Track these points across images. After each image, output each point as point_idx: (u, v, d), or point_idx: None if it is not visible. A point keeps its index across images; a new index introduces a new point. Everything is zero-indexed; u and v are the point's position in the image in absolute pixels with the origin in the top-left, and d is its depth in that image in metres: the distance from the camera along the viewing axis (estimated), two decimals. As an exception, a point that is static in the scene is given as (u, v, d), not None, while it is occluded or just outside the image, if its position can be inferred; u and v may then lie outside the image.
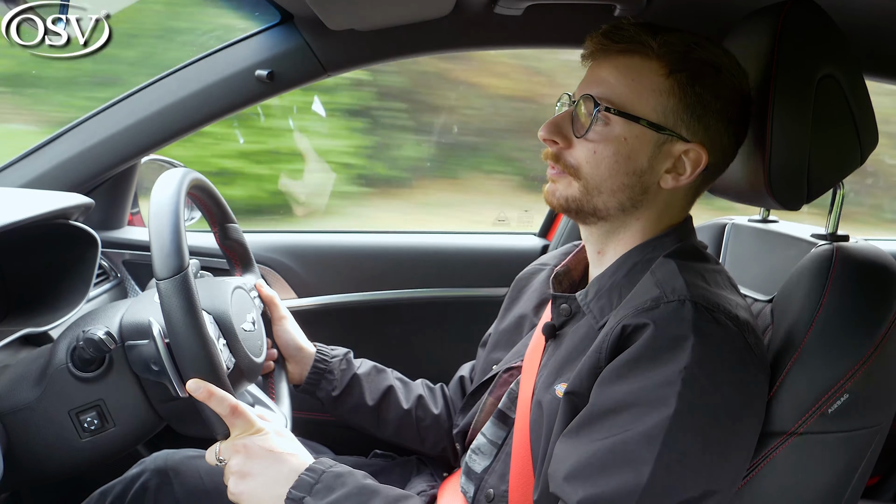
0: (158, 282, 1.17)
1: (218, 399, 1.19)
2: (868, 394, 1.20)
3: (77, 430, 1.29)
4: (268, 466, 1.21)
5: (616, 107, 1.22)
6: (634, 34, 1.22)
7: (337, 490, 1.19)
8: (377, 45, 1.84)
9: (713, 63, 1.23)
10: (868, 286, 1.25)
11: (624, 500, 1.06)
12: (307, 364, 1.65)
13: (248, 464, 1.21)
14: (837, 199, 1.41)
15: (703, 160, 1.24)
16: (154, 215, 1.21)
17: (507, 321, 1.62)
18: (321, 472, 1.22)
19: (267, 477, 1.21)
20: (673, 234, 1.30)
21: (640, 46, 1.22)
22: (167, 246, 1.18)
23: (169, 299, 1.17)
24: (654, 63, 1.22)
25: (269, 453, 1.22)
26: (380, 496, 1.21)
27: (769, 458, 1.18)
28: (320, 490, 1.19)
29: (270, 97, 1.86)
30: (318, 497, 1.18)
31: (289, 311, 1.70)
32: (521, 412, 1.34)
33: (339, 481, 1.21)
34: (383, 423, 1.69)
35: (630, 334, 1.15)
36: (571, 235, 2.41)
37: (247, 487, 1.21)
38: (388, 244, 2.44)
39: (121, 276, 2.09)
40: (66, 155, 1.82)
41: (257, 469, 1.21)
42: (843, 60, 1.31)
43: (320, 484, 1.20)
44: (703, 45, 1.23)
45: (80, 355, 1.27)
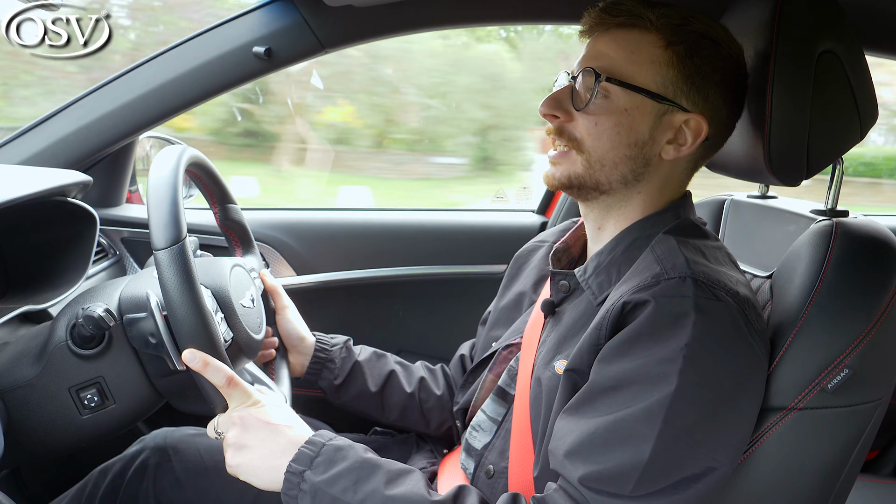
0: (156, 252, 1.17)
1: (214, 369, 1.19)
2: (867, 369, 1.20)
3: (77, 407, 1.29)
4: (265, 438, 1.21)
5: (616, 77, 1.22)
6: (632, 8, 1.22)
7: (338, 464, 1.19)
8: (375, 21, 1.83)
9: (710, 36, 1.23)
10: (867, 261, 1.25)
11: (625, 477, 1.07)
12: (308, 354, 1.65)
13: (245, 436, 1.21)
14: (837, 174, 1.41)
15: (703, 130, 1.24)
16: (153, 188, 1.20)
17: (506, 298, 1.63)
18: (321, 446, 1.21)
19: (264, 449, 1.21)
20: (672, 209, 1.30)
21: (639, 20, 1.22)
22: (165, 216, 1.17)
23: (166, 269, 1.16)
24: (652, 35, 1.22)
25: (267, 425, 1.22)
26: (381, 470, 1.21)
27: (769, 434, 1.18)
28: (321, 463, 1.19)
29: (268, 73, 1.85)
30: (318, 471, 1.18)
31: (292, 302, 1.70)
32: (520, 389, 1.35)
33: (340, 455, 1.21)
34: (387, 408, 1.70)
35: (630, 311, 1.15)
36: (570, 212, 2.41)
37: (244, 460, 1.21)
38: (387, 221, 2.44)
39: (119, 253, 2.09)
40: (64, 132, 1.81)
41: (254, 441, 1.21)
42: (842, 36, 1.30)
43: (321, 457, 1.20)
44: (699, 19, 1.23)
45: (80, 332, 1.27)
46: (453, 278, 2.40)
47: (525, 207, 2.69)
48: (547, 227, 2.44)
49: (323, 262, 2.31)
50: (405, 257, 2.37)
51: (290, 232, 2.29)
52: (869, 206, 5.31)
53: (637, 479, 1.06)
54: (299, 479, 1.18)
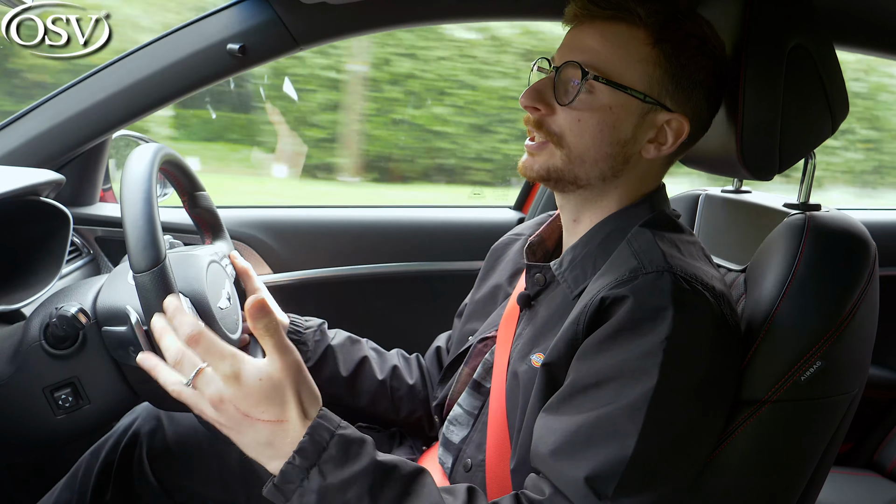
0: (136, 275, 1.15)
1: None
2: (840, 361, 1.21)
3: (52, 408, 1.28)
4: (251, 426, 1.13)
5: (603, 75, 1.21)
6: (622, 0, 1.20)
7: (352, 463, 1.06)
8: (349, 18, 1.83)
9: (697, 34, 1.23)
10: (839, 254, 1.26)
11: (610, 473, 1.06)
12: None
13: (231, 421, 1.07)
14: (809, 168, 1.42)
15: (685, 130, 1.24)
16: (127, 205, 1.17)
17: (482, 291, 1.63)
18: (331, 434, 1.08)
19: (249, 437, 1.07)
20: (647, 201, 1.30)
21: (628, 14, 1.20)
22: (143, 238, 1.15)
23: (148, 293, 1.14)
24: (640, 32, 1.21)
25: (246, 418, 1.17)
26: (397, 474, 1.09)
27: (743, 427, 1.19)
28: (330, 459, 1.05)
29: (242, 71, 1.84)
30: (328, 467, 1.05)
31: (263, 284, 1.69)
32: (496, 382, 1.35)
33: (353, 451, 1.07)
34: (357, 393, 1.69)
35: (609, 307, 1.15)
36: (547, 208, 2.42)
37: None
38: (364, 219, 2.44)
39: (93, 252, 2.07)
40: (37, 131, 1.80)
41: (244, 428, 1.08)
42: (813, 31, 1.32)
43: (331, 450, 1.06)
44: (686, 16, 1.23)
45: (54, 332, 1.26)
46: (431, 275, 2.40)
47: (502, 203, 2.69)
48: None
49: (299, 259, 2.30)
50: (382, 254, 2.37)
51: (266, 229, 2.28)
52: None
53: (622, 474, 1.06)
54: (303, 474, 1.04)
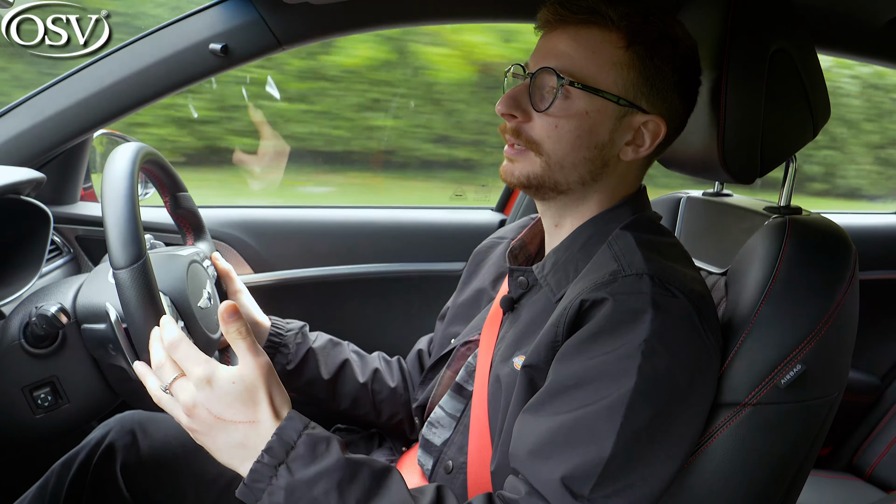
0: (115, 271, 1.14)
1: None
2: (820, 365, 1.22)
3: (31, 407, 1.27)
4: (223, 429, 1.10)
5: (578, 80, 1.21)
6: (594, 4, 1.20)
7: (320, 460, 1.09)
8: (332, 18, 1.82)
9: (670, 35, 1.23)
10: (820, 258, 1.27)
11: (587, 473, 1.06)
12: (262, 338, 1.63)
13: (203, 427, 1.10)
14: (790, 172, 1.43)
15: (661, 131, 1.25)
16: (108, 202, 1.17)
17: (464, 295, 1.63)
18: (298, 433, 1.10)
19: (221, 440, 1.09)
20: (627, 203, 1.30)
21: (600, 18, 1.20)
22: (123, 234, 1.15)
23: (128, 290, 1.14)
24: (613, 35, 1.20)
25: (219, 421, 1.16)
26: (365, 471, 1.12)
27: (722, 430, 1.19)
28: (299, 457, 1.07)
29: (225, 71, 1.83)
30: (296, 465, 1.07)
31: (244, 285, 1.68)
32: (478, 385, 1.35)
33: (321, 449, 1.10)
34: (339, 396, 1.69)
35: (588, 309, 1.15)
36: (528, 210, 2.42)
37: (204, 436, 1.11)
38: (345, 219, 2.43)
39: (74, 251, 2.06)
40: (18, 129, 1.79)
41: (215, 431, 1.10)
42: (795, 34, 1.32)
43: (298, 449, 1.09)
44: (658, 17, 1.23)
45: (33, 331, 1.26)
46: (412, 276, 2.39)
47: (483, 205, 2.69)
48: (505, 224, 2.45)
49: (280, 260, 2.30)
50: (364, 255, 2.37)
51: (247, 229, 2.27)
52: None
53: (599, 475, 1.06)
54: (271, 472, 1.07)
